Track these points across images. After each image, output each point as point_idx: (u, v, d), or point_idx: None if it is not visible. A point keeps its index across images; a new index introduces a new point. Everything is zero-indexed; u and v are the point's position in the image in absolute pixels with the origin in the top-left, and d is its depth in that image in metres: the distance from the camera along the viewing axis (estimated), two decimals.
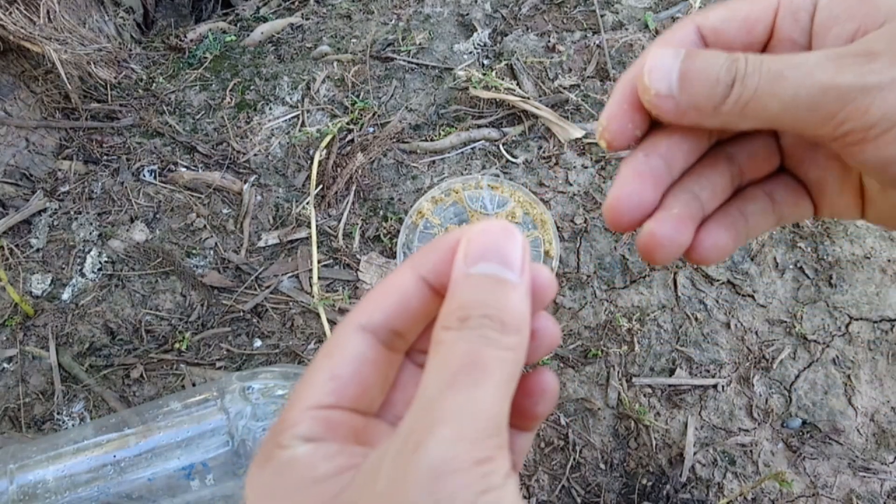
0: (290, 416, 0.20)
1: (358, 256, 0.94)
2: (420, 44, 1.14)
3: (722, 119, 0.22)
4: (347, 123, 1.04)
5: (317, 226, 0.94)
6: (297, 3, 1.23)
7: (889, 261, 0.92)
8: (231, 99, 1.08)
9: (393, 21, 1.18)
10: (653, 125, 0.25)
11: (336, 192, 0.98)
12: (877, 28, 0.21)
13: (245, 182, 1.00)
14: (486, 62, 1.12)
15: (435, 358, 0.19)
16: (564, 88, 1.08)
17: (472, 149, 1.03)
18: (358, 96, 1.08)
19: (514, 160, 1.01)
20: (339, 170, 1.00)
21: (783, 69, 0.21)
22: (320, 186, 0.99)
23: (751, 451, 0.81)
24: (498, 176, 1.00)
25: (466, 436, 0.17)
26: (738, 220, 0.26)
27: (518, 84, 1.08)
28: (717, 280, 0.91)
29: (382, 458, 0.17)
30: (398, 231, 0.94)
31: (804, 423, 0.81)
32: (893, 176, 0.21)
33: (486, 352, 0.19)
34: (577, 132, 1.02)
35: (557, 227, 0.95)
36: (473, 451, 0.17)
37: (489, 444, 0.17)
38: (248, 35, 1.16)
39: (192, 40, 1.16)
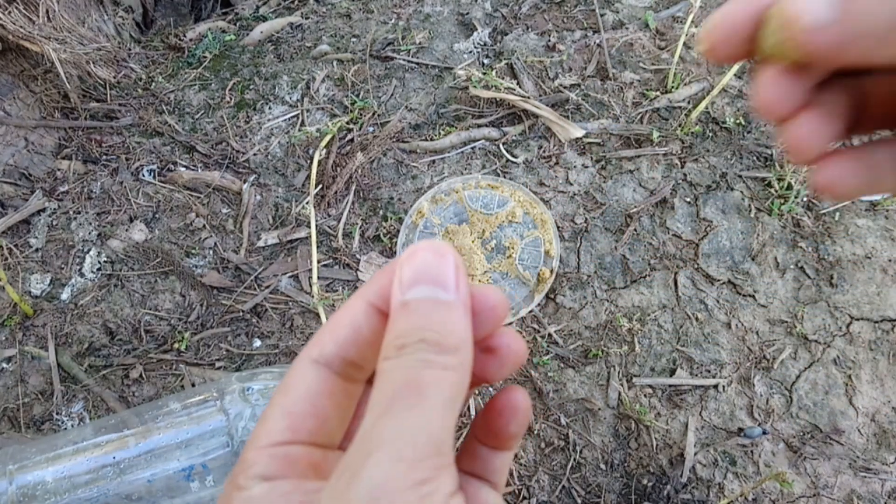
0: (248, 457, 0.20)
1: (358, 256, 0.93)
2: (420, 43, 1.13)
3: (889, 53, 0.17)
4: (347, 123, 1.04)
5: (316, 225, 0.94)
6: (296, 3, 1.23)
7: (890, 261, 0.91)
8: (230, 98, 1.08)
9: (393, 20, 1.17)
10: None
11: (336, 192, 0.98)
12: None
13: (244, 182, 0.99)
14: (486, 61, 1.12)
15: (374, 390, 0.19)
16: (565, 88, 1.08)
17: (472, 148, 1.02)
18: (358, 96, 1.07)
19: (514, 160, 1.01)
20: (338, 169, 0.99)
21: None
22: (320, 186, 0.98)
23: (751, 451, 0.80)
24: (498, 175, 1.00)
25: (404, 457, 0.17)
26: (869, 160, 0.21)
27: (518, 83, 1.08)
28: (718, 280, 0.91)
29: (325, 493, 0.17)
30: (398, 231, 0.94)
31: (764, 432, 0.81)
32: None
33: (423, 374, 0.18)
34: (577, 132, 1.02)
35: (558, 227, 0.94)
36: (411, 473, 0.16)
37: (428, 464, 0.17)
38: (247, 34, 1.16)
39: (191, 39, 1.16)
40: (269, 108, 1.07)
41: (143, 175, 1.00)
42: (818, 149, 0.20)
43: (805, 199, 0.97)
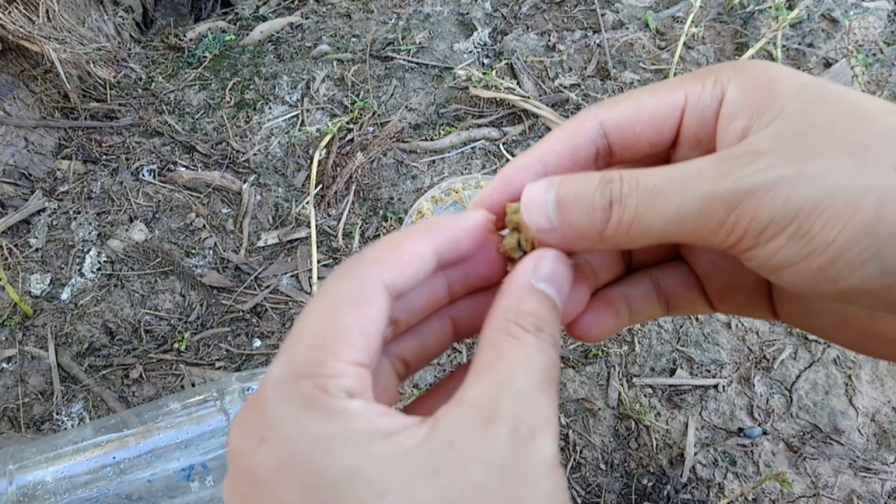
0: (330, 365, 0.20)
1: None
2: (420, 43, 1.13)
3: (609, 242, 0.22)
4: (347, 123, 1.04)
5: (316, 225, 0.94)
6: (296, 3, 1.23)
7: None
8: (230, 98, 1.08)
9: (393, 20, 1.17)
10: None
11: (336, 192, 0.98)
12: (769, 123, 0.20)
13: (244, 182, 0.99)
14: (486, 61, 1.12)
15: (517, 351, 0.21)
16: (565, 88, 1.08)
17: (472, 148, 1.02)
18: (358, 96, 1.07)
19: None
20: (338, 169, 0.99)
21: (661, 183, 0.20)
22: (320, 186, 0.98)
23: (751, 451, 0.80)
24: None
25: (556, 438, 0.20)
26: (621, 301, 0.27)
27: (518, 83, 1.08)
28: None
29: (487, 430, 0.19)
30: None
31: (764, 432, 0.81)
32: (794, 280, 0.20)
33: (555, 371, 0.21)
34: None
35: None
36: (558, 454, 0.20)
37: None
38: (247, 34, 1.16)
39: (191, 39, 1.16)
40: (269, 108, 1.07)
41: (143, 175, 1.00)
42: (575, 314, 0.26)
43: None
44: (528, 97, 1.04)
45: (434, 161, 1.02)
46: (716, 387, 0.84)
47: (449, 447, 0.18)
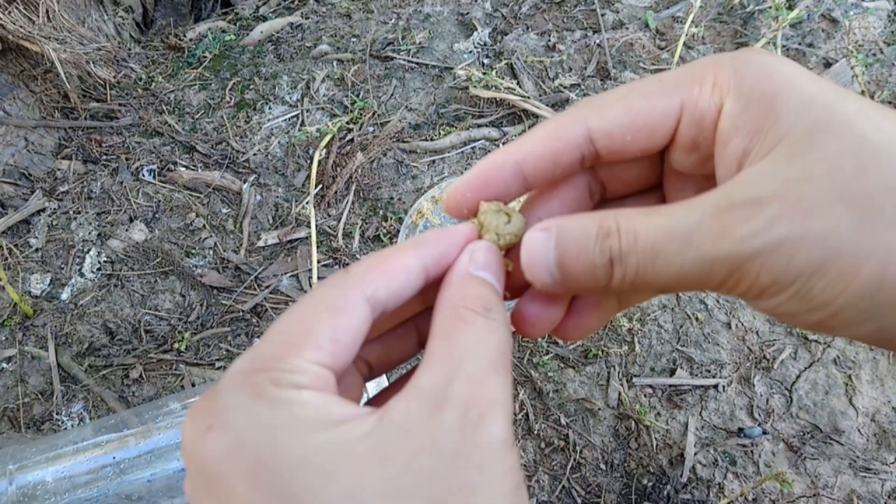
0: (286, 361, 0.20)
1: (358, 256, 0.93)
2: (420, 43, 1.13)
3: (616, 291, 0.23)
4: (347, 123, 1.04)
5: (316, 225, 0.94)
6: (296, 3, 1.23)
7: None
8: (230, 98, 1.08)
9: (393, 20, 1.17)
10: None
11: (336, 192, 0.98)
12: (771, 149, 0.19)
13: (244, 182, 0.99)
14: (486, 61, 1.12)
15: (466, 335, 0.21)
16: (565, 88, 1.08)
17: (472, 148, 1.02)
18: (358, 96, 1.07)
19: None
20: (338, 169, 0.99)
21: (660, 242, 0.20)
22: (320, 186, 0.98)
23: (751, 451, 0.80)
24: None
25: (509, 420, 0.20)
26: (598, 301, 0.27)
27: (518, 83, 1.08)
28: None
29: (435, 416, 0.19)
30: (398, 231, 0.94)
31: (764, 432, 0.81)
32: (792, 322, 0.20)
33: (508, 349, 0.21)
34: None
35: None
36: (512, 436, 0.19)
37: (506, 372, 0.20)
38: (247, 34, 1.16)
39: (191, 39, 1.16)
40: (269, 108, 1.07)
41: (143, 175, 1.00)
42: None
43: None
44: (528, 97, 1.04)
45: (434, 161, 1.02)
46: (716, 387, 0.84)
47: (398, 435, 0.19)
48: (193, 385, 0.84)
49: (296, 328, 0.21)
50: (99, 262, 0.93)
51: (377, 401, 0.25)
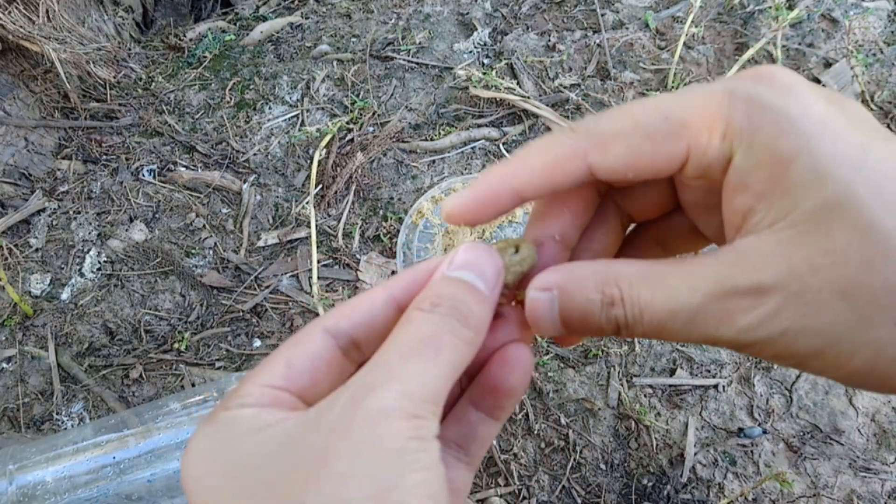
0: (243, 389, 0.22)
1: (358, 256, 0.93)
2: (420, 43, 1.13)
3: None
4: (347, 123, 1.04)
5: (316, 225, 0.94)
6: (296, 3, 1.23)
7: None
8: (230, 98, 1.08)
9: (393, 20, 1.17)
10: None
11: (336, 192, 0.98)
12: (777, 221, 0.19)
13: (244, 182, 0.99)
14: (486, 61, 1.12)
15: (401, 329, 0.22)
16: (565, 88, 1.08)
17: (472, 148, 1.02)
18: (358, 96, 1.07)
19: None
20: (338, 169, 0.99)
21: (664, 321, 0.20)
22: (320, 186, 0.98)
23: (751, 451, 0.80)
24: None
25: (411, 395, 0.19)
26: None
27: (518, 83, 1.08)
28: None
29: (334, 401, 0.20)
30: (398, 231, 0.94)
31: (764, 432, 0.81)
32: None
33: (446, 336, 0.21)
34: None
35: None
36: (412, 408, 0.19)
37: (426, 407, 0.20)
38: (247, 34, 1.16)
39: (191, 39, 1.16)
40: (269, 108, 1.07)
41: (143, 175, 1.00)
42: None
43: None
44: (528, 97, 1.04)
45: (434, 161, 1.02)
46: (716, 387, 0.84)
47: (299, 423, 0.20)
48: (193, 385, 0.84)
49: (259, 366, 0.23)
50: (99, 262, 0.93)
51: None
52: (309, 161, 1.01)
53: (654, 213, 0.26)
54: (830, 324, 0.19)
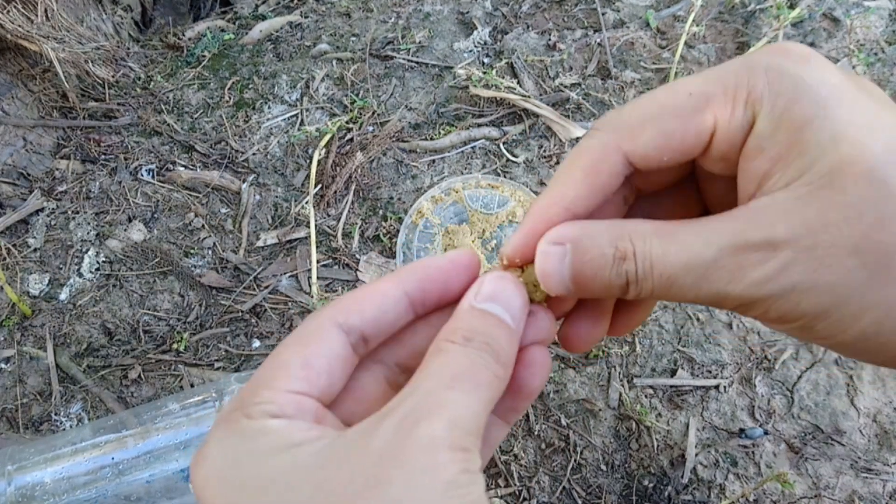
0: (259, 394, 0.21)
1: (357, 256, 0.93)
2: (420, 42, 1.13)
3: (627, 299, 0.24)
4: (347, 122, 1.04)
5: (316, 225, 0.94)
6: (295, 2, 1.23)
7: None
8: (229, 98, 1.08)
9: (392, 19, 1.17)
10: None
11: (335, 192, 0.97)
12: (792, 181, 0.19)
13: (243, 181, 0.99)
14: (486, 60, 1.12)
15: (437, 360, 0.22)
16: (565, 87, 1.07)
17: (472, 148, 1.02)
18: (357, 95, 1.07)
19: (514, 159, 1.01)
20: (338, 169, 0.99)
21: (676, 274, 0.20)
22: (319, 186, 0.98)
23: (753, 452, 0.80)
24: (498, 175, 0.99)
25: (459, 426, 0.20)
26: (602, 307, 0.27)
27: (519, 83, 1.07)
28: None
29: (378, 427, 0.20)
30: (398, 231, 0.94)
31: (765, 433, 0.81)
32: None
33: (482, 371, 0.21)
34: (578, 131, 1.02)
35: None
36: (461, 440, 0.19)
37: (471, 440, 0.20)
38: (246, 33, 1.16)
39: (190, 38, 1.16)
40: (269, 107, 1.07)
41: (142, 175, 1.00)
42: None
43: None
44: (529, 96, 1.04)
45: (434, 161, 1.01)
46: (717, 387, 0.84)
47: (342, 445, 0.20)
48: (192, 385, 0.84)
49: (270, 364, 0.23)
50: (97, 263, 0.92)
51: None
52: (308, 161, 1.00)
53: (664, 185, 0.26)
54: (840, 280, 0.18)
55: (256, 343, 0.87)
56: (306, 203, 0.96)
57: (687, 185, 0.26)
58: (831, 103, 0.19)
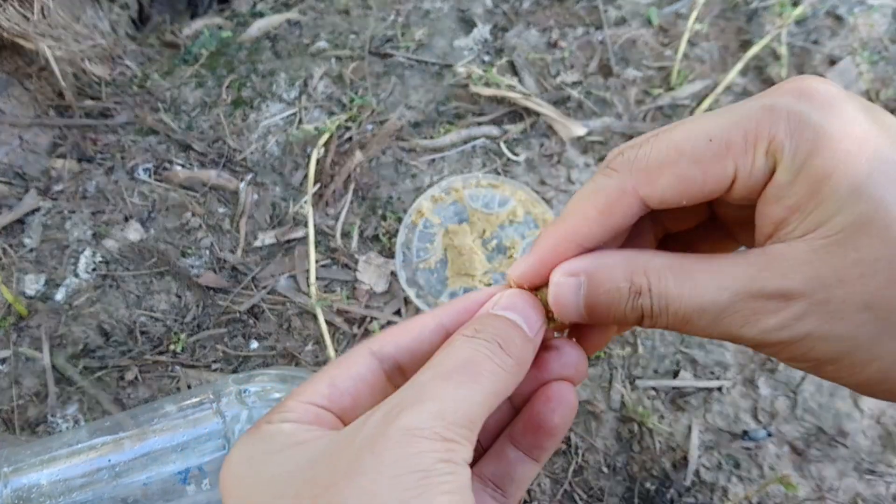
0: (284, 405, 0.23)
1: (356, 256, 0.92)
2: (419, 40, 1.12)
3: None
4: (346, 121, 1.03)
5: (314, 225, 0.93)
6: None
7: None
8: (227, 96, 1.07)
9: (392, 17, 1.16)
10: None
11: (334, 191, 0.97)
12: (808, 233, 0.20)
13: (241, 181, 0.98)
14: (486, 58, 1.11)
15: (442, 352, 0.22)
16: (566, 85, 1.06)
17: (472, 147, 1.01)
18: (356, 93, 1.06)
19: (515, 158, 1.00)
20: (337, 168, 0.98)
21: (690, 315, 0.21)
22: (318, 185, 0.97)
23: (756, 454, 0.79)
24: (499, 174, 0.98)
25: (444, 417, 0.20)
26: None
27: (519, 81, 1.06)
28: None
29: (367, 419, 0.20)
30: (397, 230, 0.93)
31: (769, 434, 0.80)
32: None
33: (485, 362, 0.21)
34: (579, 130, 1.01)
35: None
36: (444, 431, 0.19)
37: (459, 431, 0.20)
38: (244, 31, 1.15)
39: (187, 36, 1.15)
40: (267, 105, 1.06)
41: (139, 174, 0.99)
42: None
43: None
44: (530, 95, 1.03)
45: (434, 160, 1.00)
46: (720, 389, 0.83)
47: (335, 439, 0.21)
48: (189, 387, 0.83)
49: (302, 384, 0.24)
50: (94, 263, 0.92)
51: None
52: (307, 160, 0.99)
53: (691, 224, 0.27)
54: (851, 333, 0.19)
55: (254, 344, 0.86)
56: (305, 202, 0.95)
57: (716, 225, 0.27)
58: (852, 156, 0.19)
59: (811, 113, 0.20)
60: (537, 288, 0.26)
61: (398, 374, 0.25)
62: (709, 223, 0.27)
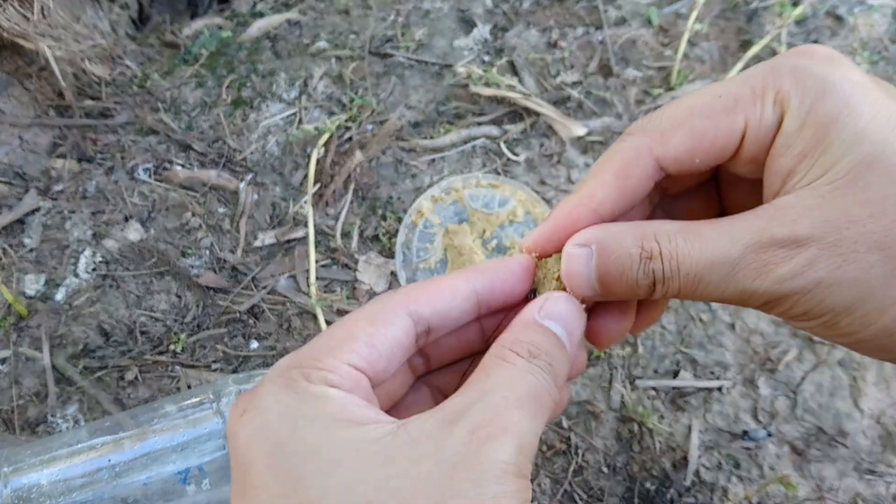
0: (322, 360, 0.22)
1: (356, 256, 0.92)
2: (419, 40, 1.12)
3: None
4: (346, 121, 1.03)
5: (314, 225, 0.93)
6: None
7: None
8: (227, 96, 1.07)
9: (392, 17, 1.16)
10: None
11: (334, 191, 0.97)
12: (816, 179, 0.20)
13: (241, 181, 0.98)
14: (486, 58, 1.11)
15: (504, 371, 0.22)
16: (566, 85, 1.06)
17: (472, 147, 1.01)
18: (356, 93, 1.06)
19: (515, 158, 1.00)
20: (337, 168, 0.98)
21: (702, 273, 0.21)
22: (318, 185, 0.97)
23: (756, 454, 0.79)
24: (499, 174, 0.98)
25: (523, 451, 0.20)
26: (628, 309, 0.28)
27: (519, 81, 1.06)
28: None
29: (447, 431, 0.20)
30: (397, 230, 0.93)
31: (769, 434, 0.80)
32: (825, 339, 0.22)
33: (545, 395, 0.22)
34: (579, 130, 1.01)
35: None
36: (524, 467, 0.20)
37: (530, 467, 0.20)
38: (244, 31, 1.15)
39: (187, 36, 1.15)
40: (267, 105, 1.06)
41: (139, 174, 0.99)
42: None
43: None
44: (530, 95, 1.03)
45: (434, 160, 1.00)
46: (720, 389, 0.83)
47: (407, 443, 0.20)
48: (189, 387, 0.83)
49: (337, 333, 0.23)
50: (94, 263, 0.92)
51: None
52: (307, 160, 0.99)
53: (688, 187, 0.27)
54: (864, 276, 0.19)
55: (254, 344, 0.86)
56: (305, 202, 0.95)
57: (707, 188, 0.27)
58: (855, 101, 0.20)
59: (813, 66, 0.21)
60: (548, 256, 0.25)
61: (424, 335, 0.24)
62: (701, 190, 0.27)
